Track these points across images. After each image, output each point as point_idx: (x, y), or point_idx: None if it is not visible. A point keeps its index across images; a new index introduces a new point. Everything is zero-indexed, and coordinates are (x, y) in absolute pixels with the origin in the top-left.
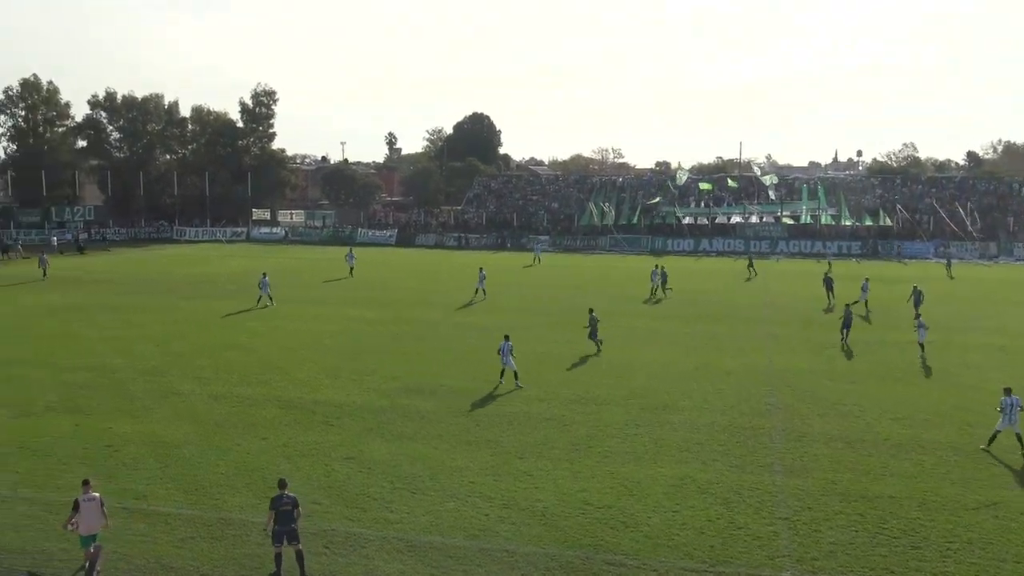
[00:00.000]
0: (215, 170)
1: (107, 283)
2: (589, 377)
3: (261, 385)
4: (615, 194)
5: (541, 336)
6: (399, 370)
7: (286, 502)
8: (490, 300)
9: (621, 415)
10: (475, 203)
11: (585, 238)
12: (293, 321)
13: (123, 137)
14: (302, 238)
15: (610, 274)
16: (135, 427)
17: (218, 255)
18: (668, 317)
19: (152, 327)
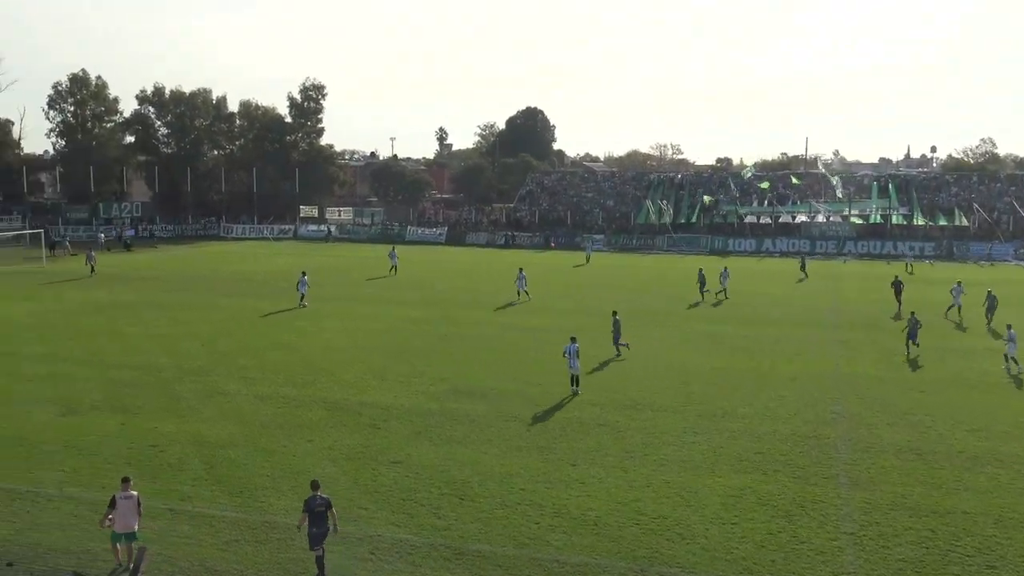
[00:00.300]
0: (262, 166)
1: (154, 280)
2: (644, 382)
3: (307, 386)
4: (673, 192)
5: (593, 339)
6: (447, 372)
7: (320, 503)
8: (541, 301)
9: (677, 422)
10: (527, 200)
11: (642, 237)
12: (340, 320)
13: (171, 132)
14: (350, 236)
15: (667, 275)
16: (180, 427)
17: (265, 253)
18: (728, 320)
19: (198, 325)
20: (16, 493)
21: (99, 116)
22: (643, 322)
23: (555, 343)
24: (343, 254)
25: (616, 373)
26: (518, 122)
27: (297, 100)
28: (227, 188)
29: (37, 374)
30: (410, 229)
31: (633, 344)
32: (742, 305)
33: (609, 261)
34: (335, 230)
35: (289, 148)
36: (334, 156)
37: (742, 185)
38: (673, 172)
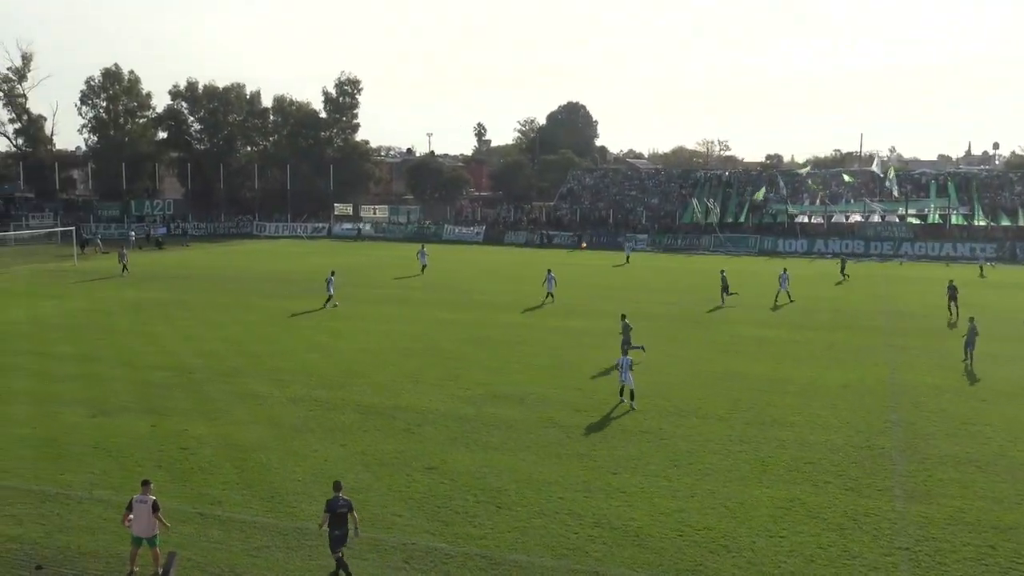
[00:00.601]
0: (296, 163)
1: (185, 280)
2: (689, 388)
3: (340, 388)
4: (720, 190)
5: (636, 342)
6: (484, 375)
7: (342, 505)
8: (581, 303)
9: (724, 430)
10: (568, 199)
11: (687, 237)
12: (374, 322)
13: (204, 128)
14: (385, 234)
15: (713, 276)
16: (211, 430)
17: (299, 252)
18: (777, 324)
19: (230, 326)
20: (46, 495)
21: (132, 112)
22: (687, 325)
23: (596, 346)
24: (378, 253)
25: (660, 378)
26: (559, 117)
27: (332, 95)
28: (260, 185)
29: (67, 374)
30: (447, 228)
31: (676, 349)
32: (791, 309)
33: (652, 262)
34: (369, 228)
35: (324, 144)
36: (369, 152)
37: (792, 183)
38: (720, 169)
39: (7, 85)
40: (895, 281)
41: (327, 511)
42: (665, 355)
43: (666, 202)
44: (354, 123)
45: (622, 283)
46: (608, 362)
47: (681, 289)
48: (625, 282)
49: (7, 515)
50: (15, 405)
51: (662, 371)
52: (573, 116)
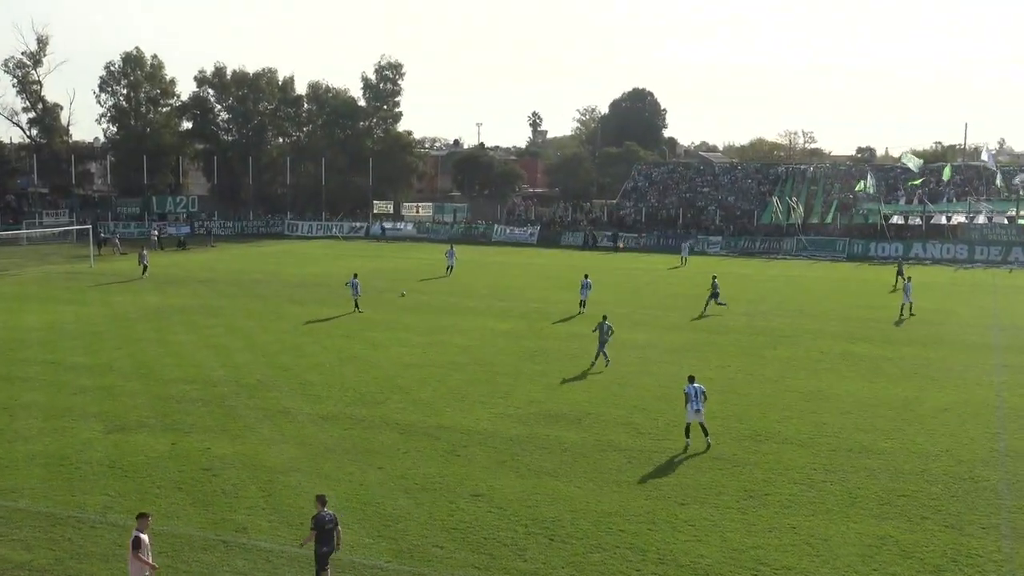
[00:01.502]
0: (332, 156)
1: (210, 283)
2: (767, 409)
3: (378, 405)
4: (805, 187)
5: (708, 360)
6: (538, 393)
7: (329, 520)
8: (644, 312)
9: (806, 457)
10: (633, 196)
11: (767, 239)
12: (415, 332)
13: (232, 118)
14: (429, 235)
15: (799, 282)
16: (236, 449)
17: (334, 253)
18: (868, 339)
19: (258, 335)
20: (57, 518)
21: (154, 99)
22: (767, 339)
23: (662, 362)
24: (421, 255)
25: (734, 399)
26: (623, 105)
27: (372, 81)
28: (293, 180)
29: (82, 386)
30: (497, 228)
31: (754, 366)
32: (883, 321)
33: (726, 267)
34: (411, 228)
35: (362, 135)
36: (413, 144)
37: (886, 180)
38: (805, 164)
39: (21, 71)
40: (1004, 291)
41: (314, 528)
42: (741, 373)
43: (743, 200)
44: (396, 112)
45: (689, 290)
46: (674, 380)
47: (758, 298)
48: (692, 289)
49: (15, 539)
50: (26, 419)
51: (737, 391)
52: (639, 104)
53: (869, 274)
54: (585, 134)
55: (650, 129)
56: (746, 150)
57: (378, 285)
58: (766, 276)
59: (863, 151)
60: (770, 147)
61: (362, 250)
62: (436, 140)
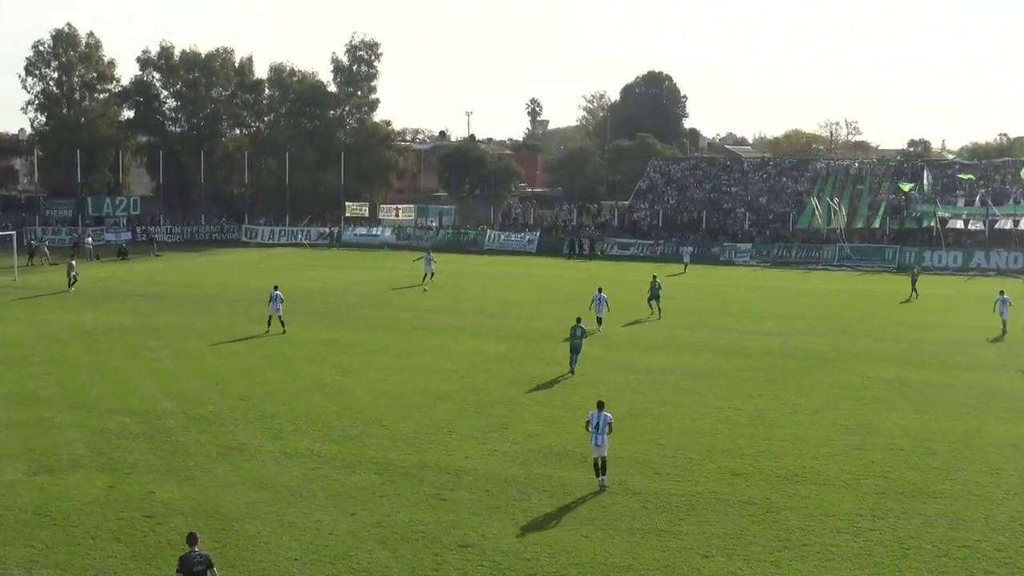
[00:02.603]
0: (298, 150)
1: (156, 299)
2: (806, 445)
3: (351, 441)
4: (848, 186)
5: (735, 386)
6: (537, 427)
7: (199, 561)
8: (663, 333)
9: (851, 501)
10: (648, 196)
11: (804, 247)
12: (394, 355)
13: (181, 106)
14: (410, 242)
15: (841, 297)
16: (185, 492)
17: (301, 263)
18: (922, 363)
19: (211, 359)
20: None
21: (90, 84)
22: (803, 363)
23: (684, 390)
24: (402, 265)
25: (767, 432)
26: (637, 91)
27: (343, 63)
28: (251, 178)
29: (3, 420)
30: (490, 234)
31: (791, 394)
32: (938, 342)
33: (756, 279)
34: (389, 234)
35: (333, 126)
36: (391, 136)
37: (942, 178)
38: (848, 159)
39: None
40: None
41: (180, 570)
42: (774, 402)
43: (776, 201)
44: (371, 99)
45: (713, 304)
46: (699, 411)
47: (794, 315)
48: (721, 306)
49: None
50: None
51: (769, 423)
52: (655, 90)
53: (924, 287)
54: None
55: (668, 119)
56: (780, 143)
57: (348, 300)
58: (803, 289)
59: (916, 144)
60: (808, 139)
61: (332, 259)
62: (419, 132)
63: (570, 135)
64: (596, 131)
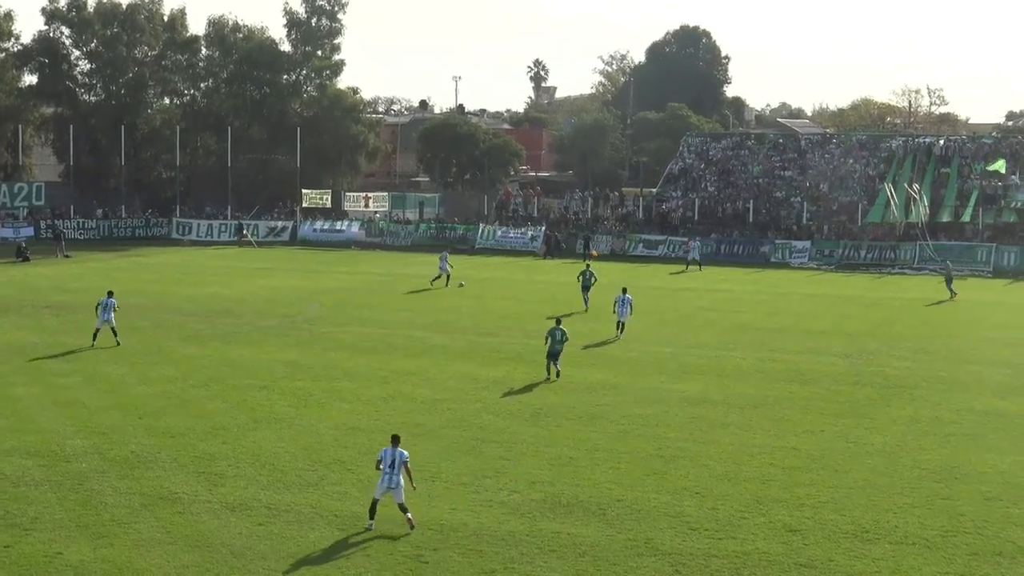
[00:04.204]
0: (243, 124)
1: (62, 311)
2: (879, 495)
3: (308, 489)
4: (931, 169)
5: (791, 420)
6: (543, 470)
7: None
8: (683, 353)
9: (936, 564)
10: (681, 183)
11: (875, 246)
12: (364, 382)
13: (96, 69)
14: (383, 240)
15: (923, 308)
16: (100, 554)
17: (247, 266)
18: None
19: (133, 387)
20: None
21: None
22: (875, 392)
23: (724, 425)
24: (376, 269)
25: (831, 478)
26: (667, 51)
27: (299, 16)
28: (185, 160)
29: None
30: (483, 229)
31: (859, 430)
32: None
33: (814, 285)
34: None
35: (287, 95)
36: (359, 107)
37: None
38: (931, 135)
39: None
40: None
41: None
42: (840, 440)
43: (841, 188)
44: (334, 61)
45: (768, 319)
46: (744, 451)
47: (865, 332)
48: (773, 319)
49: None
50: None
51: (834, 466)
52: (690, 50)
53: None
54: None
55: (706, 85)
56: (846, 116)
57: (307, 313)
58: (875, 299)
59: (1015, 117)
60: (881, 111)
61: (286, 260)
62: (394, 102)
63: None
64: (616, 101)
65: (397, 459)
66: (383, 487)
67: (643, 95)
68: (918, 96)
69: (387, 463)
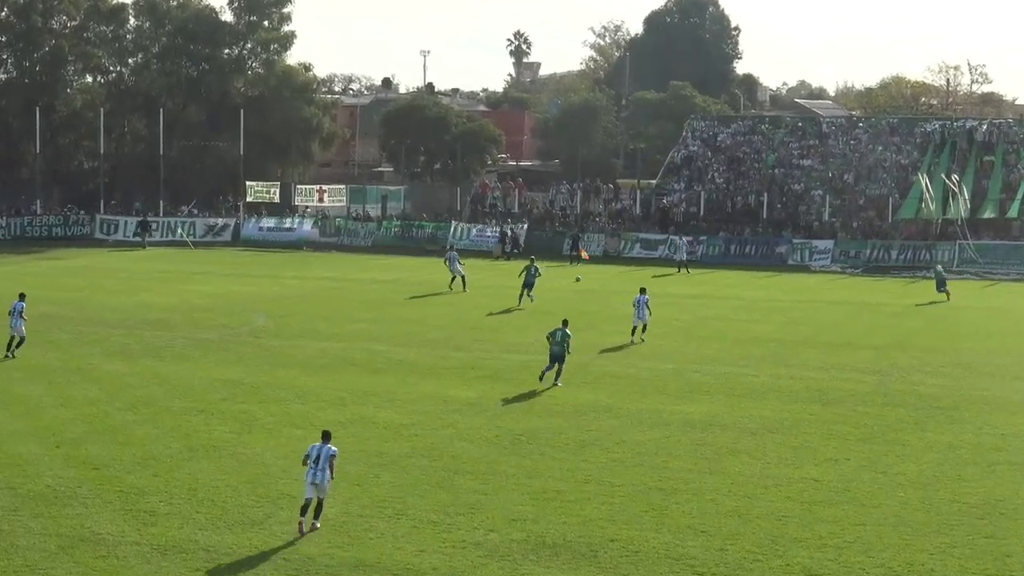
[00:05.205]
0: (178, 106)
1: None
2: (915, 533)
3: (254, 529)
4: (973, 158)
5: (813, 446)
6: (525, 506)
7: None
8: (688, 370)
9: None
10: (685, 174)
11: (908, 246)
12: (320, 403)
13: (6, 43)
14: (340, 239)
15: (964, 317)
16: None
17: (184, 270)
18: None
19: (49, 409)
20: None
21: None
22: (908, 414)
23: (734, 452)
24: (330, 273)
25: (858, 513)
26: (667, 21)
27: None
28: (110, 147)
29: None
30: (456, 228)
31: (888, 458)
32: None
33: (837, 290)
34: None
35: (228, 72)
36: (312, 86)
37: None
38: (973, 119)
39: None
40: None
41: None
42: (868, 470)
43: (868, 180)
44: (284, 33)
45: (785, 330)
46: (756, 480)
47: (896, 344)
48: (791, 330)
49: None
50: None
51: (861, 500)
52: (694, 19)
53: None
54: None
55: (713, 61)
56: (875, 96)
57: (254, 324)
58: (907, 306)
59: None
60: (915, 91)
61: (227, 263)
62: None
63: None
64: (609, 79)
65: (323, 455)
66: (309, 483)
67: (640, 72)
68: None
69: (312, 459)
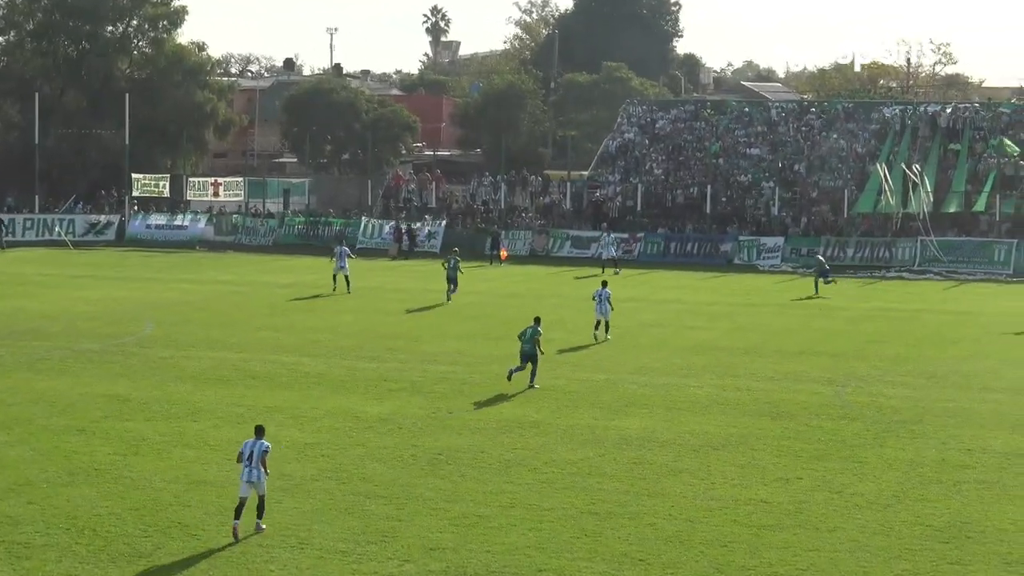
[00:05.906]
0: (55, 90)
1: None
2: (873, 557)
3: (139, 561)
4: (936, 146)
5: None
6: (445, 534)
7: None
8: (625, 381)
9: None
10: (620, 164)
11: (866, 243)
12: (214, 421)
13: None
14: (238, 239)
15: (927, 321)
16: None
17: (60, 273)
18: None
19: None
20: None
21: None
22: (866, 428)
23: (676, 471)
24: (229, 277)
25: (811, 539)
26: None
27: None
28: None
29: None
30: (367, 224)
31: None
32: None
33: (790, 290)
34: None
35: (111, 51)
36: (206, 68)
37: None
38: (935, 103)
39: None
40: None
41: None
42: (821, 490)
43: (822, 170)
44: (174, 8)
45: (731, 337)
46: (707, 503)
47: (853, 352)
48: (737, 337)
49: None
50: None
51: (816, 523)
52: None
53: None
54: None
55: (652, 40)
56: (828, 79)
57: (141, 333)
58: (865, 311)
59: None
60: (871, 72)
61: (111, 264)
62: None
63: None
64: (536, 59)
65: (256, 451)
66: (244, 481)
67: (571, 52)
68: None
69: (247, 456)
